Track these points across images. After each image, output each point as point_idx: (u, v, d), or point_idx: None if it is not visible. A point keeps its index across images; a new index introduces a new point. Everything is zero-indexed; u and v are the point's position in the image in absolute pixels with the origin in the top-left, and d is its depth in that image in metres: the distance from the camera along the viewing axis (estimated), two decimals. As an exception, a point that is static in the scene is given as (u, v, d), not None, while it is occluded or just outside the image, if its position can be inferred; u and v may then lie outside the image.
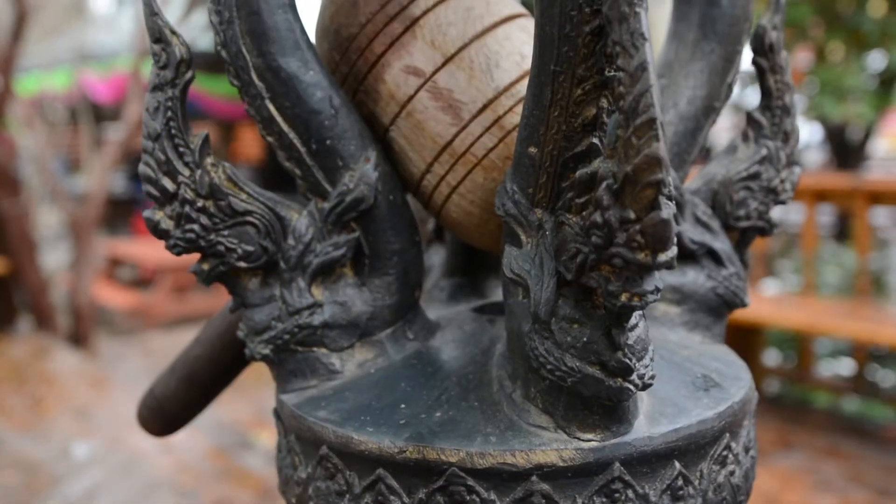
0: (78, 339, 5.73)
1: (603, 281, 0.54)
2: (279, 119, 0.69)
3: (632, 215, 0.50)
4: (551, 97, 0.57)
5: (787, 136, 0.81)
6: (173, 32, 0.67)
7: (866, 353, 4.29)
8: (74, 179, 9.14)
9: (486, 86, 0.69)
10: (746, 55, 0.81)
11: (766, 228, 0.81)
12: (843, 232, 7.52)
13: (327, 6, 0.75)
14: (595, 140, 0.58)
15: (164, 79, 0.67)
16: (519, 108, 0.68)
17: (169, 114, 0.67)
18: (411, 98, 0.70)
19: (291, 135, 0.69)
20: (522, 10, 0.74)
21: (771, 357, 4.84)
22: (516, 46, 0.70)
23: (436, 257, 0.93)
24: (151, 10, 0.67)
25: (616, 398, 0.57)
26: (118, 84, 7.41)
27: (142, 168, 0.68)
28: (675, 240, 0.51)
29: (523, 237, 0.63)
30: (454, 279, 0.89)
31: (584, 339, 0.57)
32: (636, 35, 0.50)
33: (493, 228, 0.72)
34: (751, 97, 7.13)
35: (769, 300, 4.22)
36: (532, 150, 0.60)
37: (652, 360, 0.59)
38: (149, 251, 6.89)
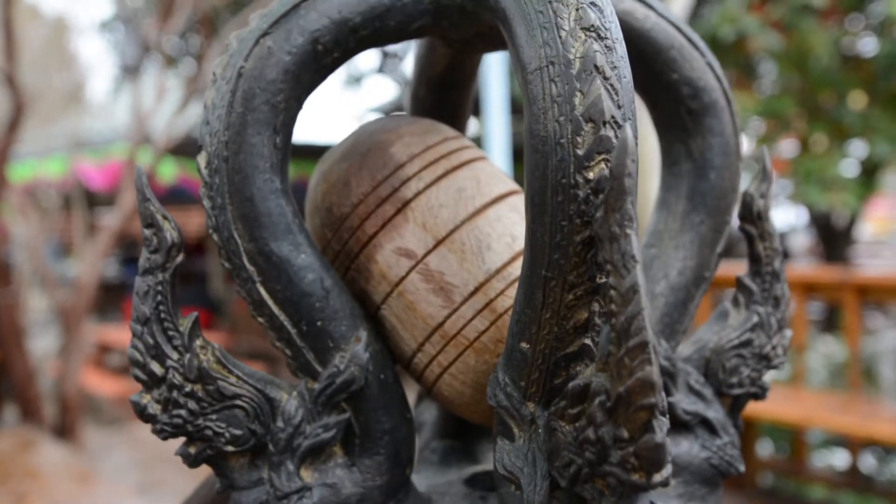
0: (64, 430, 5.62)
1: (597, 494, 0.54)
2: (270, 302, 0.68)
3: (625, 435, 0.50)
4: (542, 300, 0.57)
5: (778, 301, 0.81)
6: (165, 217, 0.67)
7: (860, 444, 4.26)
8: (67, 264, 9.11)
9: (477, 269, 0.69)
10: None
11: (760, 394, 0.81)
12: (831, 319, 7.53)
13: (319, 184, 0.75)
14: (587, 341, 0.58)
15: (154, 263, 0.67)
16: (510, 292, 0.68)
17: (159, 298, 0.67)
18: (403, 279, 0.70)
19: (282, 317, 0.69)
20: (514, 186, 0.75)
21: (764, 448, 4.79)
22: (507, 228, 0.70)
23: (427, 414, 0.92)
24: (144, 197, 0.67)
25: None
26: (113, 171, 7.46)
27: (130, 352, 0.67)
28: (670, 459, 0.50)
29: (515, 430, 0.62)
30: (445, 442, 0.87)
31: (579, 546, 0.56)
32: (627, 257, 0.50)
33: (486, 408, 0.71)
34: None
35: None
36: (524, 345, 0.60)
37: (648, 564, 0.57)
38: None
